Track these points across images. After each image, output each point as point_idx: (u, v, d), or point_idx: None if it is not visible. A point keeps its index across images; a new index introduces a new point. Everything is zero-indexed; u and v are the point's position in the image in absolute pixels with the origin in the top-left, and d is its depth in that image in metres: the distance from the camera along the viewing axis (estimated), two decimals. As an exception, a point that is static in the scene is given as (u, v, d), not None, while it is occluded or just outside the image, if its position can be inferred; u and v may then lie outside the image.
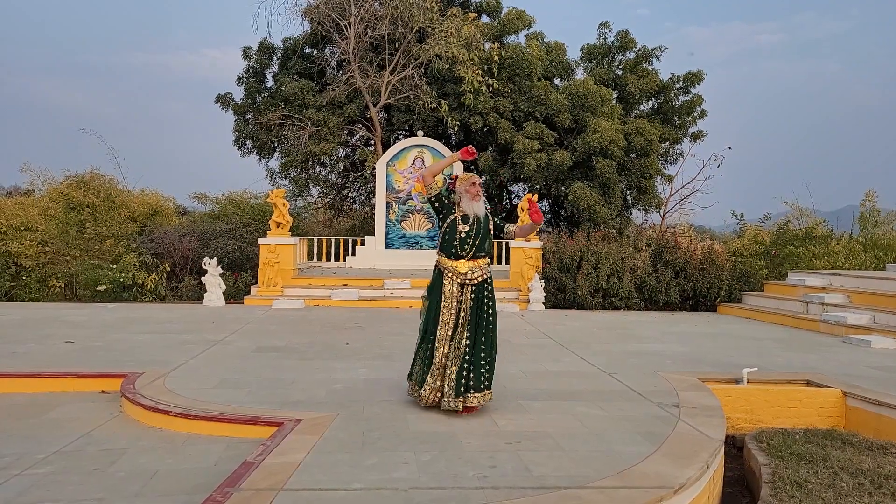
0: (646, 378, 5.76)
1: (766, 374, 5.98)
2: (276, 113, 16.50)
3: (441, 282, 4.48)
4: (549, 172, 15.50)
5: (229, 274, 12.77)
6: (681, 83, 17.12)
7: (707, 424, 4.31)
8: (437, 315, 4.43)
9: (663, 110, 17.39)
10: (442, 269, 4.52)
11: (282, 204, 12.69)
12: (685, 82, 17.08)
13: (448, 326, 4.42)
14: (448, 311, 4.43)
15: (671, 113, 17.34)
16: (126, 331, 8.04)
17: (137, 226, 14.55)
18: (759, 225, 16.61)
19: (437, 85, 16.47)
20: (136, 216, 14.83)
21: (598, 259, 11.82)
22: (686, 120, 17.37)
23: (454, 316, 4.43)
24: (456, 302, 4.43)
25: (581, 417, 4.49)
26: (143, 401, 4.62)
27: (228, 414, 4.33)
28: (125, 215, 14.37)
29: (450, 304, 4.43)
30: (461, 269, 4.46)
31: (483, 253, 4.52)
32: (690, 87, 17.10)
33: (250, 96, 17.85)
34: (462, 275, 4.46)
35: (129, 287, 12.13)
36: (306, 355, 6.61)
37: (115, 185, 15.01)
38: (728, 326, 9.84)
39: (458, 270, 4.46)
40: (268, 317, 9.74)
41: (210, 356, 6.46)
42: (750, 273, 12.55)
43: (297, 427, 4.06)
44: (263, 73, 18.14)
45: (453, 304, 4.43)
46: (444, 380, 4.41)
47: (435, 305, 4.47)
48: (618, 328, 9.27)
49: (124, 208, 14.47)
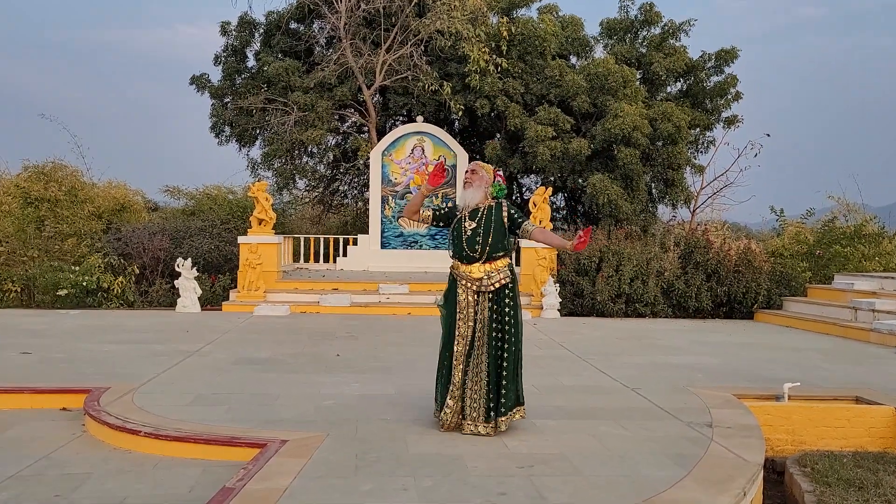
0: (674, 394, 5.75)
1: (810, 389, 5.96)
2: (257, 96, 16.53)
3: (455, 290, 4.41)
4: (564, 163, 15.48)
5: (205, 277, 12.78)
6: (713, 62, 17.09)
7: (743, 446, 4.29)
8: (453, 328, 4.35)
9: (693, 92, 17.36)
10: (455, 276, 4.45)
11: (264, 198, 12.70)
12: (718, 61, 17.05)
13: (465, 340, 4.34)
14: (464, 322, 4.35)
15: (702, 95, 17.31)
16: (90, 340, 8.04)
17: (103, 223, 14.57)
18: (801, 222, 16.58)
19: (439, 65, 16.47)
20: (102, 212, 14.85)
21: (620, 260, 11.81)
22: (719, 103, 17.33)
23: (471, 328, 4.33)
24: (472, 312, 4.33)
25: (602, 438, 4.48)
26: (109, 419, 4.61)
27: (205, 434, 4.32)
28: (89, 211, 14.39)
29: (465, 315, 4.35)
30: (475, 275, 4.35)
31: (500, 252, 4.39)
32: (724, 65, 17.06)
33: (229, 77, 17.88)
34: (477, 281, 4.35)
35: (93, 292, 12.14)
36: (292, 368, 6.61)
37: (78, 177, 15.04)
38: (766, 336, 9.82)
39: (473, 276, 4.35)
40: (249, 325, 9.74)
41: (184, 369, 6.47)
42: (791, 276, 12.53)
43: (282, 449, 4.05)
44: (244, 52, 18.17)
45: (469, 315, 4.34)
46: (465, 401, 4.34)
47: (450, 317, 4.41)
48: (642, 338, 9.26)
49: (88, 203, 14.49)
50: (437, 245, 15.41)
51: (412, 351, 7.75)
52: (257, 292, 11.93)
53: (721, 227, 18.76)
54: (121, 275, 12.42)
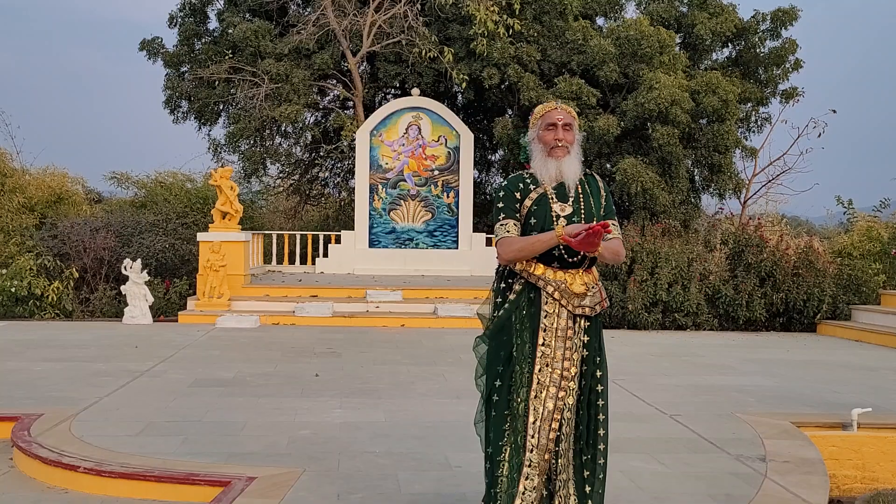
0: (720, 421, 5.75)
1: (885, 416, 5.95)
2: (221, 64, 16.53)
3: (527, 310, 3.32)
4: (589, 144, 15.47)
5: (158, 282, 12.78)
6: (768, 23, 17.06)
7: (803, 484, 4.28)
8: (522, 373, 3.27)
9: (744, 60, 17.35)
10: (529, 286, 3.33)
11: (229, 187, 12.69)
12: (774, 22, 17.03)
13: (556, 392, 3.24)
14: (552, 362, 3.26)
15: (755, 64, 17.29)
16: (19, 357, 8.03)
17: (35, 217, 14.57)
18: (873, 215, 16.55)
19: (439, 26, 16.47)
20: (35, 204, 14.85)
21: (656, 261, 11.80)
22: (775, 74, 17.31)
23: (558, 372, 3.26)
24: (561, 344, 3.28)
25: (634, 475, 4.47)
26: (41, 452, 4.60)
27: (157, 470, 4.31)
28: (19, 203, 14.39)
29: (552, 351, 3.27)
30: (576, 288, 3.31)
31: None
32: (781, 28, 17.03)
33: (186, 42, 17.89)
34: (577, 297, 3.31)
35: (23, 299, 12.15)
36: (262, 391, 6.60)
37: (6, 161, 15.05)
38: (832, 352, 9.81)
39: (571, 289, 3.30)
40: (210, 339, 9.75)
41: (133, 392, 6.46)
42: (862, 280, 12.51)
43: (248, 487, 4.04)
44: (204, 11, 18.18)
45: (557, 353, 3.27)
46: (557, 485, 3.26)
47: (509, 356, 3.32)
48: (683, 354, 9.25)
49: (18, 193, 14.49)
50: (436, 243, 15.42)
51: (405, 371, 7.75)
52: (220, 300, 11.92)
53: (777, 221, 18.77)
54: (57, 279, 12.43)
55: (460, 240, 15.51)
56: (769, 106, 17.86)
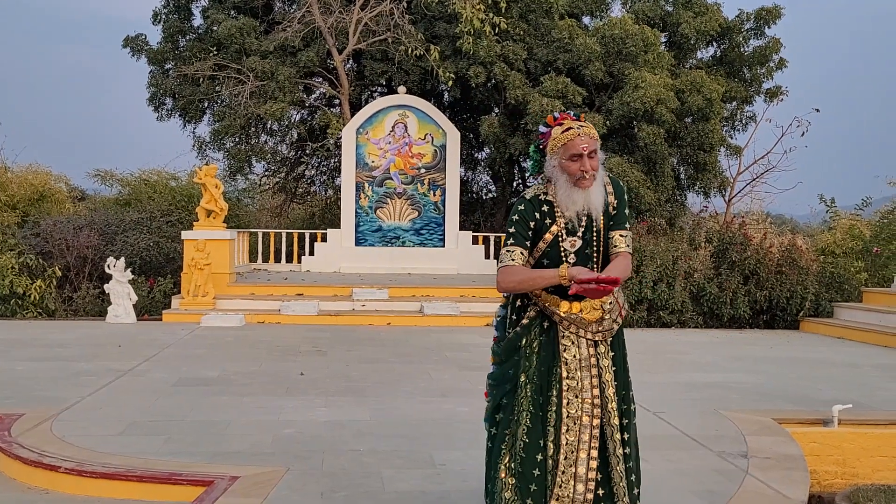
0: (704, 418, 5.79)
1: (865, 412, 6.01)
2: (205, 61, 16.44)
3: (538, 339, 3.23)
4: (575, 143, 15.53)
5: (142, 280, 12.72)
6: (752, 22, 17.18)
7: (785, 480, 4.32)
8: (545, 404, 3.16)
9: (728, 59, 17.45)
10: (542, 315, 3.24)
11: (214, 185, 12.64)
12: (758, 21, 17.14)
13: (587, 426, 3.14)
14: (577, 394, 3.15)
15: (739, 63, 17.40)
16: (1, 357, 7.99)
17: (17, 215, 14.46)
18: (855, 214, 16.71)
19: (425, 24, 16.46)
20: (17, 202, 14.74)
21: (641, 259, 11.86)
22: (759, 72, 17.43)
23: (588, 401, 3.15)
24: (587, 373, 3.18)
25: (616, 472, 4.49)
26: (21, 452, 4.58)
27: (139, 470, 4.29)
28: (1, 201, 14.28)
29: (576, 381, 3.15)
30: (590, 315, 3.19)
31: None
32: (765, 26, 17.16)
33: (171, 39, 17.79)
34: (595, 323, 3.21)
35: (5, 298, 12.07)
36: (246, 390, 6.59)
37: (-13, 159, 14.93)
38: (814, 349, 9.90)
39: (586, 318, 3.18)
40: (195, 338, 9.72)
41: (115, 391, 6.44)
42: (844, 278, 12.63)
43: (232, 487, 4.04)
44: (189, 8, 18.09)
45: (584, 383, 3.16)
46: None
47: (515, 380, 3.23)
48: (667, 352, 9.31)
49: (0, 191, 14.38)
50: (422, 241, 15.42)
51: (391, 369, 7.75)
52: (205, 299, 11.88)
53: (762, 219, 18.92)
54: (39, 278, 12.34)
55: (447, 238, 15.52)
56: (754, 105, 18.02)
